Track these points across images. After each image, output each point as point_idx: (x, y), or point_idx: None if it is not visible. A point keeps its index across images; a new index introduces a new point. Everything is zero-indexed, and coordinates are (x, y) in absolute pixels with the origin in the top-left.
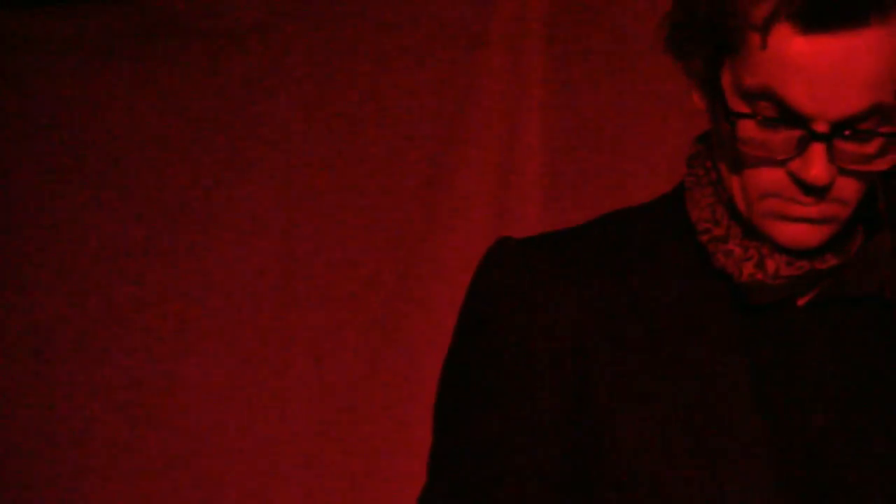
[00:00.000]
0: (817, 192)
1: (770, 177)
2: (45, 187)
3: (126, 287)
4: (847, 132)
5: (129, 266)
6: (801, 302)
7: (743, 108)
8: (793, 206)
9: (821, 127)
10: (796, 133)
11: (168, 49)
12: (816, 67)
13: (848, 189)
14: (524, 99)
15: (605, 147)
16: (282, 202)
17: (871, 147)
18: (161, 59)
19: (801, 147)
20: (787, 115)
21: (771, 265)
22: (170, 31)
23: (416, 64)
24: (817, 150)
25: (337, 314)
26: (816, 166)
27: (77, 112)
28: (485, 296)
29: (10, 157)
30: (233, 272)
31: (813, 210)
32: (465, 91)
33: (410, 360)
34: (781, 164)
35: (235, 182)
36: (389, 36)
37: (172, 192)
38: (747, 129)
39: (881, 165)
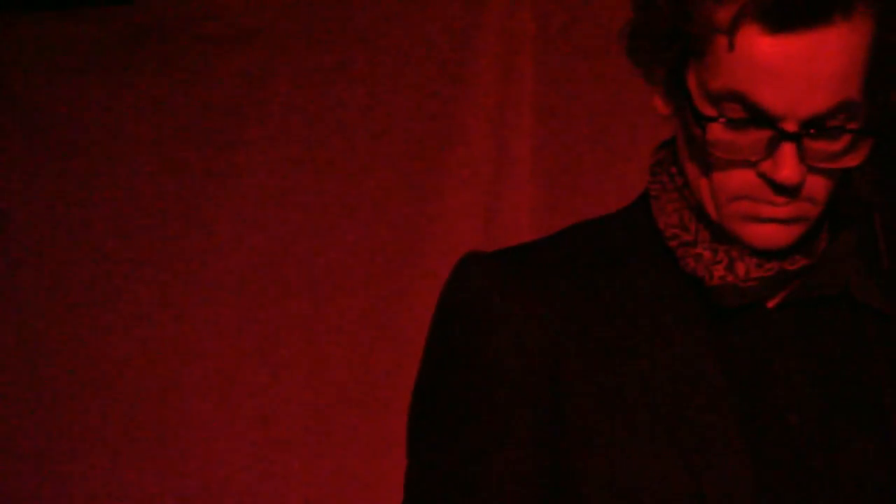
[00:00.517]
0: (789, 191)
1: (740, 179)
2: (37, 189)
3: (118, 288)
4: (816, 130)
5: (122, 267)
6: (770, 304)
7: (709, 111)
8: (764, 206)
9: (790, 126)
10: (766, 134)
11: (160, 54)
12: (784, 67)
13: (818, 188)
14: (515, 98)
15: (596, 146)
16: (274, 204)
17: (839, 144)
18: (153, 64)
19: (771, 147)
20: (756, 116)
21: (741, 267)
22: (162, 36)
23: (405, 65)
24: (788, 150)
25: (330, 316)
26: (787, 166)
27: (69, 116)
28: (454, 312)
29: (2, 161)
30: (225, 274)
31: (784, 210)
32: (455, 92)
33: (402, 361)
34: (752, 165)
35: (228, 185)
36: (379, 38)
37: (165, 194)
38: (716, 132)
39: (850, 162)
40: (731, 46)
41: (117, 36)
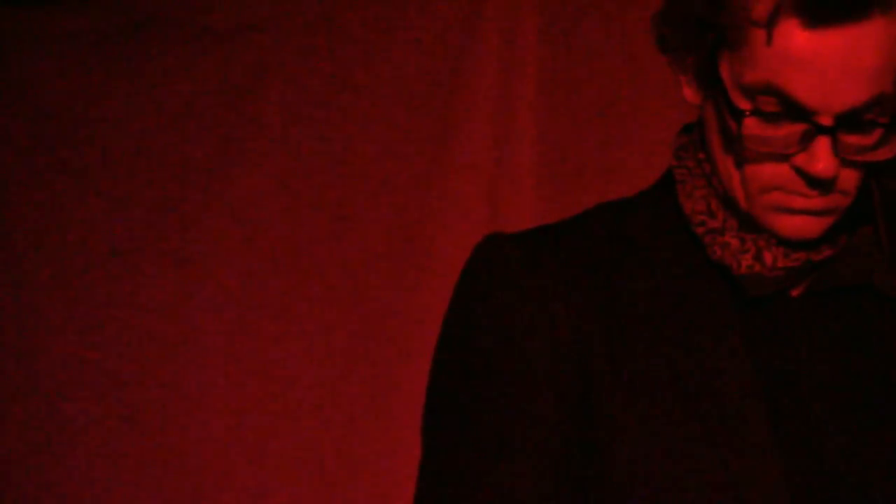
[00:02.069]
0: (823, 184)
1: (772, 171)
2: (34, 184)
3: (118, 284)
4: (851, 124)
5: (120, 263)
6: (794, 293)
7: (743, 104)
8: (796, 198)
9: (825, 120)
10: (800, 127)
11: (159, 46)
12: (821, 61)
13: (849, 180)
14: (517, 93)
15: (599, 141)
16: (272, 200)
17: (873, 138)
18: (152, 56)
19: (806, 141)
20: (792, 110)
21: (769, 257)
22: (161, 29)
23: (407, 60)
24: (823, 144)
25: (330, 313)
26: (823, 160)
27: (66, 107)
28: (476, 294)
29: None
30: (224, 270)
31: (816, 202)
32: (458, 86)
33: (403, 358)
34: (786, 158)
35: (224, 180)
36: (380, 32)
37: (162, 189)
38: (750, 125)
39: (883, 155)
40: (769, 40)
41: (116, 28)
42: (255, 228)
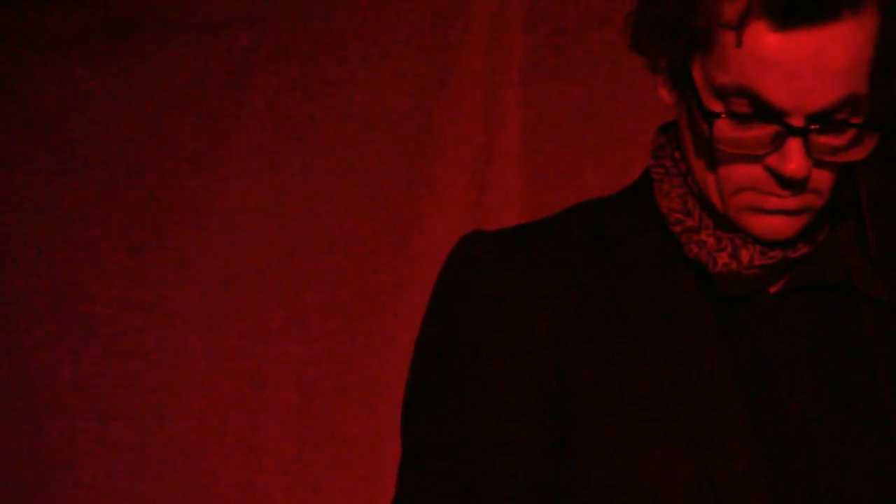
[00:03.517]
0: (795, 185)
1: (745, 171)
2: (25, 179)
3: (112, 283)
4: (822, 125)
5: (113, 261)
6: (773, 290)
7: (715, 105)
8: (770, 198)
9: (797, 121)
10: (772, 128)
11: (148, 42)
12: (792, 62)
13: (823, 180)
14: (503, 93)
15: (585, 142)
16: (261, 197)
17: (845, 138)
18: (141, 53)
19: (778, 142)
20: (763, 111)
21: (745, 255)
22: (150, 25)
23: (393, 58)
24: (794, 145)
25: (317, 310)
26: (794, 160)
27: (56, 105)
28: (453, 291)
29: None
30: (210, 265)
31: (790, 202)
32: (443, 85)
33: (389, 355)
34: (758, 159)
35: (212, 176)
36: (368, 31)
37: (153, 184)
38: (722, 126)
39: (856, 155)
40: (739, 43)
41: (104, 25)
42: (242, 225)
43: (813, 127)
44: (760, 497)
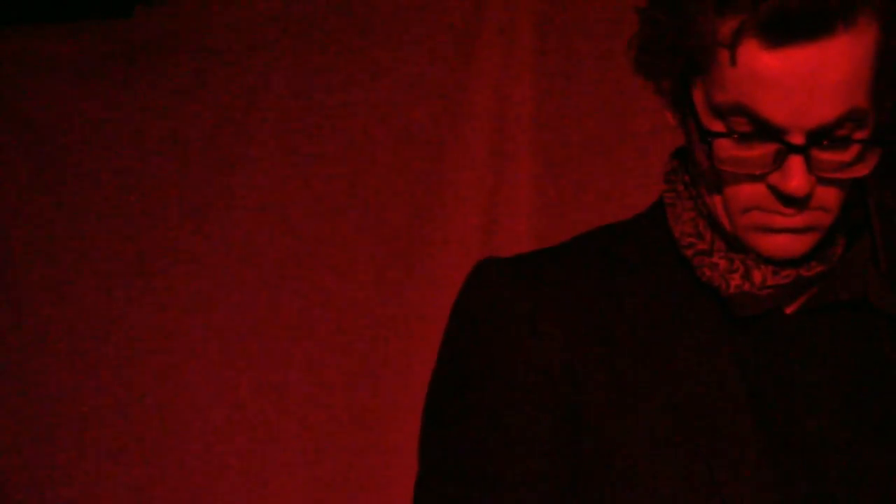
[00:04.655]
0: (798, 202)
1: (750, 191)
2: (36, 202)
3: (118, 294)
4: (823, 142)
5: (126, 274)
6: (789, 310)
7: (716, 125)
8: (775, 217)
9: (796, 139)
10: (773, 146)
11: (160, 67)
12: (788, 80)
13: (829, 197)
14: (515, 97)
15: (597, 146)
16: (273, 210)
17: (848, 154)
18: (152, 77)
19: (779, 160)
20: (762, 130)
21: (758, 276)
22: (161, 49)
23: (405, 65)
24: (795, 162)
25: (329, 314)
26: (795, 178)
27: (68, 128)
28: (474, 316)
29: (1, 174)
30: (227, 277)
31: (796, 220)
32: (454, 90)
33: (401, 358)
34: (760, 178)
35: (225, 187)
36: (379, 38)
37: (166, 205)
38: (723, 146)
39: (860, 172)
40: (733, 61)
41: (117, 49)
42: (255, 237)
43: (813, 144)
44: None
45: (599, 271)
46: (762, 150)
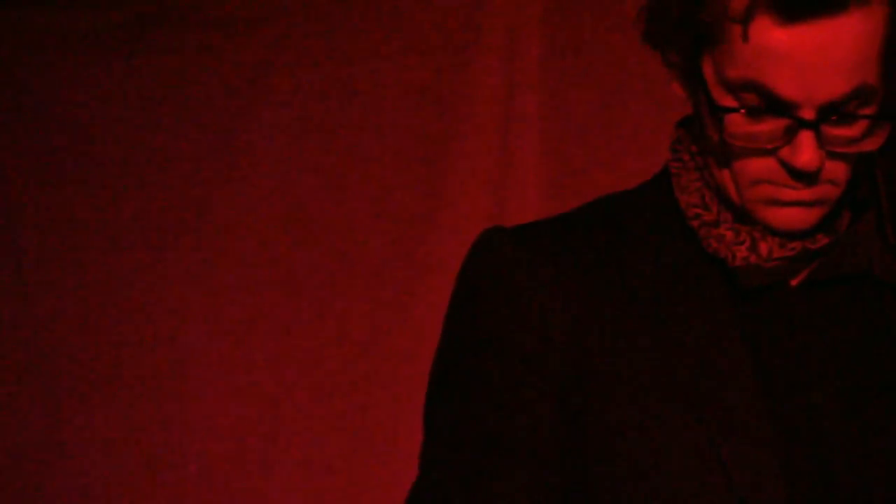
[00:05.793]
0: (808, 177)
1: (759, 164)
2: (39, 182)
3: (124, 284)
4: (833, 117)
5: (127, 262)
6: (793, 282)
7: (727, 100)
8: (785, 190)
9: (807, 114)
10: (783, 121)
11: (164, 41)
12: (800, 55)
13: (838, 171)
14: (520, 96)
15: (601, 144)
16: (276, 198)
17: (858, 129)
18: (157, 52)
19: (789, 135)
20: (773, 104)
21: (764, 248)
22: (165, 24)
23: (410, 61)
24: (806, 137)
25: (334, 311)
26: (806, 153)
27: (72, 104)
28: (478, 285)
29: (5, 153)
30: (229, 267)
31: (805, 193)
32: (460, 88)
33: (406, 355)
34: (770, 152)
35: (230, 176)
36: (383, 34)
37: (168, 184)
38: (734, 121)
39: (869, 146)
40: (745, 37)
41: (119, 24)
42: (258, 224)
43: (824, 119)
44: (774, 485)
45: (604, 241)
46: (773, 125)
